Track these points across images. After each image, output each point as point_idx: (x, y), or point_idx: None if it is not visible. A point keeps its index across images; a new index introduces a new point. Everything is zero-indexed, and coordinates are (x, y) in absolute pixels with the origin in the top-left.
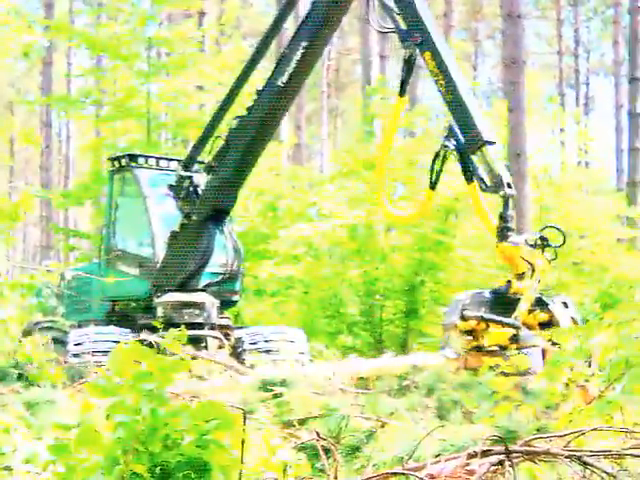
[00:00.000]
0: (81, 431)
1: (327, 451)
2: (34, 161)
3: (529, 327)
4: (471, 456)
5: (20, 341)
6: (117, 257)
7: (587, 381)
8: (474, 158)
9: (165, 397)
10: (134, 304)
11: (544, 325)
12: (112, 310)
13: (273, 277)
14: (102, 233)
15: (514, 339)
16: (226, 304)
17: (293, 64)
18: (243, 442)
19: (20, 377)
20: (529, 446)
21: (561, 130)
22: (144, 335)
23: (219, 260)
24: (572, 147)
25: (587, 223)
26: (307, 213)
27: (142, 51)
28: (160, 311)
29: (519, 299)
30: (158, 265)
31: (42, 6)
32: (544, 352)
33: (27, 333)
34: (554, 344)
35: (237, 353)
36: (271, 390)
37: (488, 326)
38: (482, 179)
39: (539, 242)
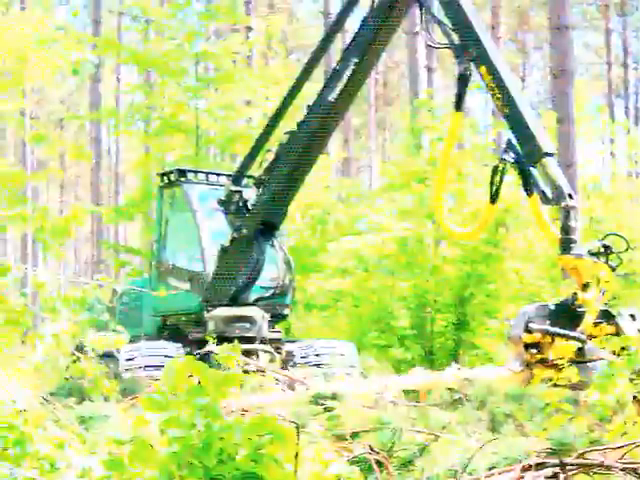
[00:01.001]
0: (135, 446)
1: (380, 464)
2: (84, 177)
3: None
4: (525, 469)
5: (74, 355)
6: (167, 272)
7: None
8: (534, 171)
9: (219, 411)
10: (185, 318)
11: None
12: (163, 325)
13: (322, 290)
14: (152, 248)
15: (580, 352)
16: (277, 318)
17: (344, 80)
18: (297, 456)
19: (73, 392)
20: (583, 459)
21: (611, 140)
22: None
23: (270, 274)
24: (622, 157)
25: (638, 234)
26: (356, 226)
27: (190, 66)
28: (211, 325)
29: (584, 311)
30: (209, 279)
31: (90, 23)
32: None
33: (80, 348)
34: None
35: (288, 367)
36: (323, 404)
37: (553, 339)
38: (543, 192)
39: (602, 250)
